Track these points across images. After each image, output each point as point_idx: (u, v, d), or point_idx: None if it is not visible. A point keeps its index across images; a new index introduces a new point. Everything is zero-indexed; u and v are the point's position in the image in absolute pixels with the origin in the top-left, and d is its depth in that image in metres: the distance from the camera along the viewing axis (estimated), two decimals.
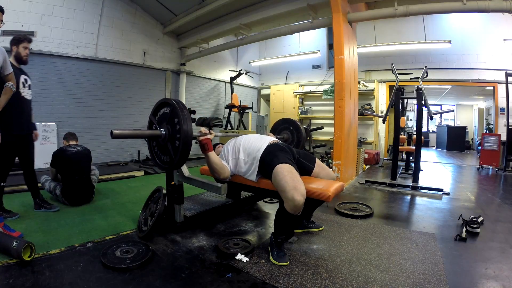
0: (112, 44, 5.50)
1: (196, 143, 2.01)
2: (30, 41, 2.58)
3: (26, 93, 2.56)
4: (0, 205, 2.54)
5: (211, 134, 2.05)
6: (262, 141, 2.11)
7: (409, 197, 3.65)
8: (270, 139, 2.18)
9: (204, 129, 2.03)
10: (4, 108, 2.25)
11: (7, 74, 2.21)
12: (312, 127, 6.95)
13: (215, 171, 2.05)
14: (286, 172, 1.80)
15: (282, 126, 3.15)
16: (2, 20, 2.14)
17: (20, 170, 3.97)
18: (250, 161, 2.05)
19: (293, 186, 1.71)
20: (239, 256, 1.87)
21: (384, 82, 7.24)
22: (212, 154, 2.02)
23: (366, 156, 6.04)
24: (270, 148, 2.04)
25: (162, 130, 1.86)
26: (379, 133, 7.39)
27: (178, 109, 1.78)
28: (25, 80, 2.57)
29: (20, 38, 2.52)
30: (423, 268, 1.77)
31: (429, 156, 8.12)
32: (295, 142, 3.03)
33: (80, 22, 4.98)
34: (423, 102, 3.95)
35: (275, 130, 3.18)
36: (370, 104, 7.15)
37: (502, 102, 6.12)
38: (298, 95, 8.36)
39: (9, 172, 2.57)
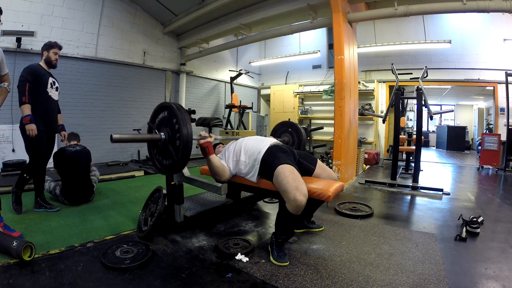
0: (112, 44, 5.51)
1: (197, 147, 2.02)
2: (60, 48, 2.81)
3: (53, 94, 2.79)
4: (18, 191, 2.66)
5: (211, 137, 2.06)
6: (263, 143, 2.11)
7: (409, 197, 3.65)
8: (271, 140, 2.18)
9: (204, 133, 2.03)
10: (33, 105, 2.52)
11: (3, 75, 2.21)
12: (312, 127, 6.95)
13: (216, 174, 2.07)
14: (287, 173, 1.80)
15: (282, 129, 3.15)
16: (0, 20, 2.14)
17: (19, 170, 4.00)
18: (251, 163, 2.05)
19: (295, 187, 1.71)
20: (239, 256, 1.87)
21: (384, 82, 7.24)
22: (213, 157, 2.03)
23: (366, 156, 6.04)
24: (271, 149, 2.05)
25: (162, 134, 1.86)
26: (379, 133, 7.39)
27: (177, 112, 1.78)
28: (53, 82, 2.80)
29: (52, 45, 2.74)
30: (423, 268, 1.77)
31: (429, 156, 8.12)
32: (296, 143, 3.02)
33: (80, 22, 4.99)
34: (423, 102, 3.95)
35: (275, 134, 3.18)
36: (370, 104, 7.15)
37: (502, 102, 6.12)
38: (298, 95, 8.36)
39: (39, 168, 2.72)
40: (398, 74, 4.67)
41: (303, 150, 3.01)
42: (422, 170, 4.98)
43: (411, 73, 5.00)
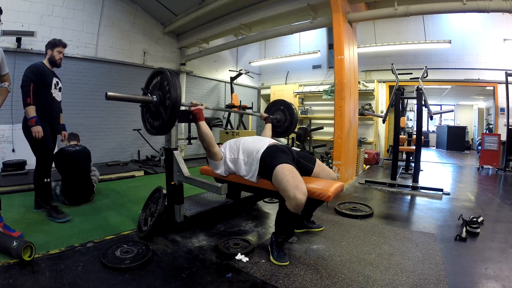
0: (112, 44, 5.50)
1: (190, 118, 2.16)
2: (65, 46, 2.72)
3: (56, 94, 2.72)
4: (48, 201, 2.57)
5: (202, 105, 2.18)
6: (261, 143, 2.12)
7: (409, 197, 3.65)
8: (270, 140, 2.19)
9: (195, 101, 2.17)
10: (37, 106, 2.46)
11: (3, 75, 2.21)
12: (312, 127, 6.95)
13: (205, 141, 2.12)
14: (287, 172, 1.81)
15: (274, 108, 3.21)
16: (0, 20, 2.14)
17: (19, 170, 4.01)
18: (250, 162, 2.06)
19: (294, 185, 1.72)
20: (239, 256, 1.88)
21: (384, 82, 7.24)
22: (203, 123, 2.12)
23: (366, 156, 6.04)
24: (270, 149, 2.05)
25: (154, 97, 1.94)
26: (379, 133, 7.39)
27: (168, 76, 1.86)
28: (57, 82, 2.73)
29: (56, 43, 2.65)
30: (423, 268, 1.77)
31: (429, 156, 8.12)
32: (288, 120, 3.04)
33: (80, 22, 4.98)
34: (423, 102, 3.95)
35: (268, 112, 3.21)
36: (370, 104, 7.15)
37: (502, 102, 6.12)
38: (298, 95, 8.36)
39: (50, 168, 2.66)
40: (398, 74, 4.67)
41: (296, 126, 3.07)
42: (422, 170, 4.98)
43: (411, 73, 5.00)
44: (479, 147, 6.78)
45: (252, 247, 2.01)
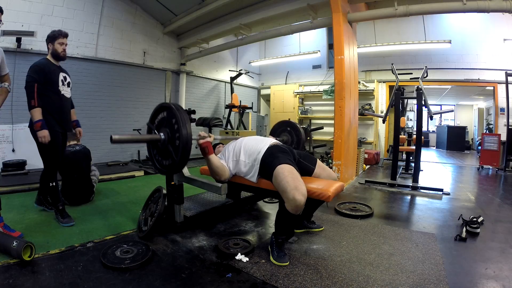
0: (112, 44, 5.50)
1: (196, 147, 2.01)
2: (65, 35, 2.47)
3: (65, 91, 2.52)
4: (56, 203, 2.48)
5: (210, 137, 2.05)
6: (263, 143, 2.12)
7: (409, 197, 3.65)
8: (271, 141, 2.19)
9: (203, 133, 2.03)
10: (45, 106, 2.31)
11: (4, 75, 2.21)
12: (312, 127, 6.95)
13: (216, 174, 2.07)
14: (287, 173, 1.81)
15: (281, 129, 3.14)
16: (1, 20, 2.14)
17: (19, 170, 4.01)
18: (251, 163, 2.06)
19: (294, 186, 1.72)
20: (239, 256, 1.88)
21: (384, 82, 7.24)
22: (213, 157, 2.03)
23: (366, 156, 6.04)
24: (271, 149, 2.05)
25: (162, 134, 1.87)
26: (379, 133, 7.39)
27: (176, 112, 1.78)
28: (64, 77, 2.52)
29: (55, 35, 2.42)
30: (423, 268, 1.77)
31: (429, 156, 8.12)
32: (295, 142, 3.02)
33: (80, 22, 4.98)
34: (423, 102, 3.95)
35: (274, 134, 3.17)
36: (370, 104, 7.15)
37: (502, 102, 6.12)
38: (298, 95, 8.36)
39: (56, 171, 2.53)
40: (398, 74, 4.67)
41: (303, 149, 3.00)
42: (422, 170, 4.98)
43: (411, 73, 5.00)
44: (479, 147, 6.78)
45: (252, 247, 2.01)
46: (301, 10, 4.57)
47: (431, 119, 4.99)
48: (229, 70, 7.98)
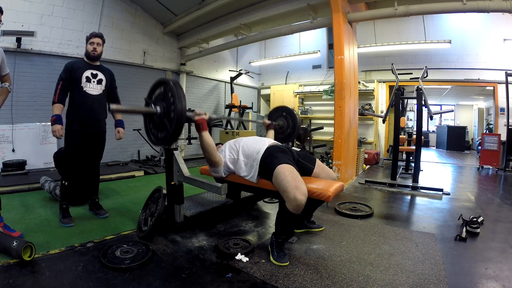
0: (112, 44, 5.50)
1: (190, 121, 2.07)
2: (96, 35, 2.62)
3: (90, 88, 2.55)
4: (62, 200, 2.54)
5: (205, 114, 2.10)
6: (261, 143, 2.12)
7: (409, 197, 3.65)
8: (270, 141, 2.19)
9: (199, 110, 2.09)
10: (70, 104, 2.46)
11: (4, 75, 2.21)
12: (312, 127, 6.94)
13: (207, 151, 2.07)
14: (287, 172, 1.81)
15: (276, 114, 3.16)
16: (1, 20, 2.14)
17: (19, 170, 4.01)
18: (250, 163, 2.06)
19: (294, 186, 1.72)
20: (239, 256, 1.88)
21: (384, 82, 7.24)
22: (206, 134, 2.05)
23: (366, 156, 6.04)
24: (270, 149, 2.05)
25: (158, 107, 1.90)
26: (379, 133, 7.39)
27: (172, 87, 1.82)
28: (92, 74, 2.56)
29: (88, 37, 2.62)
30: (423, 268, 1.77)
31: (429, 156, 8.12)
32: (290, 126, 3.03)
33: (80, 22, 4.98)
34: (423, 102, 3.95)
35: (270, 119, 3.18)
36: (370, 104, 7.15)
37: (502, 102, 6.12)
38: (298, 95, 8.36)
39: (75, 172, 2.57)
40: (398, 74, 4.67)
41: (299, 132, 3.00)
42: (422, 170, 4.98)
43: (411, 73, 5.00)
44: (479, 147, 6.78)
45: (252, 247, 2.01)
46: (301, 10, 4.57)
47: (431, 119, 4.99)
48: (229, 70, 7.98)
